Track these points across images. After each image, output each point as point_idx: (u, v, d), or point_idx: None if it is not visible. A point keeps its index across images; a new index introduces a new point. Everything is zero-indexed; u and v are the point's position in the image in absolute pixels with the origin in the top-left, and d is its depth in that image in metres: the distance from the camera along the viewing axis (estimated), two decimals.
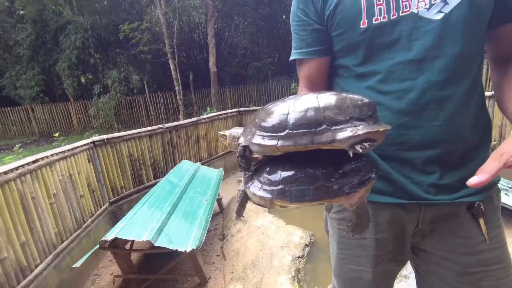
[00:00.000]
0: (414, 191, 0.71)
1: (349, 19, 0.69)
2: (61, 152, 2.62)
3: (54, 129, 11.04)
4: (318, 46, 0.77)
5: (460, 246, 0.74)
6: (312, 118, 0.48)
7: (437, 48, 0.64)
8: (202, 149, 5.03)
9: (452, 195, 0.71)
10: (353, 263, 0.84)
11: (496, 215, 0.76)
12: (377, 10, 0.66)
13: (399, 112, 0.68)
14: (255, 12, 11.14)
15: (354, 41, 0.70)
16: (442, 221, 0.75)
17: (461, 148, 0.69)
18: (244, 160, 0.55)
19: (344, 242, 0.86)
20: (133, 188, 3.65)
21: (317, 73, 0.81)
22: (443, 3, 0.63)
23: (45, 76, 11.61)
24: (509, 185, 3.18)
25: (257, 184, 0.52)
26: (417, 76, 0.66)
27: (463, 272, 0.74)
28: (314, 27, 0.76)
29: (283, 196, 0.48)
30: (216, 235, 3.24)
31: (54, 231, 2.38)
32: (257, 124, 0.52)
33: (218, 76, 9.86)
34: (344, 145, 0.48)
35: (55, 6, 10.16)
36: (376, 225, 0.79)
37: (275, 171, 0.51)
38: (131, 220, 2.29)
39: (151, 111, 11.43)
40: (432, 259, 0.79)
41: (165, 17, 9.19)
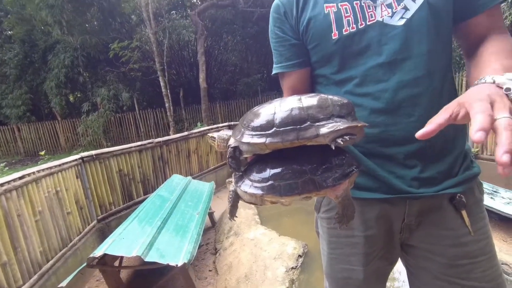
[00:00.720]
0: (398, 185, 0.74)
1: (321, 32, 0.75)
2: (48, 168, 2.57)
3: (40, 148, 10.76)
4: (296, 59, 0.83)
5: (445, 238, 0.76)
6: (297, 116, 0.52)
7: (404, 51, 0.70)
8: (193, 164, 5.00)
9: (434, 188, 0.74)
10: (344, 263, 0.85)
11: (478, 207, 0.78)
12: (346, 22, 0.72)
13: (377, 111, 0.73)
14: (244, 30, 11.46)
15: (328, 51, 0.76)
16: (427, 215, 0.77)
17: (439, 140, 0.72)
18: (234, 161, 0.57)
19: (334, 242, 0.87)
20: (122, 204, 3.58)
21: (299, 84, 0.86)
22: (404, 10, 0.69)
23: (32, 95, 11.46)
24: (494, 189, 3.27)
25: (247, 183, 0.55)
26: (389, 77, 0.71)
27: (451, 264, 0.75)
28: (291, 42, 0.82)
29: (273, 191, 0.51)
30: (208, 249, 3.18)
31: (39, 250, 2.30)
32: (245, 125, 0.55)
33: (208, 92, 9.97)
34: (326, 139, 0.51)
35: (44, 26, 10.21)
36: (364, 222, 0.80)
37: (264, 169, 0.54)
38: (120, 235, 2.24)
39: (141, 128, 11.35)
40: (420, 254, 0.80)
41: (155, 36, 9.35)
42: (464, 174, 0.75)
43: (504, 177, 0.40)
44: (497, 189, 3.30)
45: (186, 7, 11.27)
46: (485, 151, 3.95)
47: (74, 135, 11.49)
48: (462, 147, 0.78)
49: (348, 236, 0.83)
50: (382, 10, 0.70)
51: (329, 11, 0.74)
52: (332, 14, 0.74)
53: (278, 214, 3.92)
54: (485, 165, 3.93)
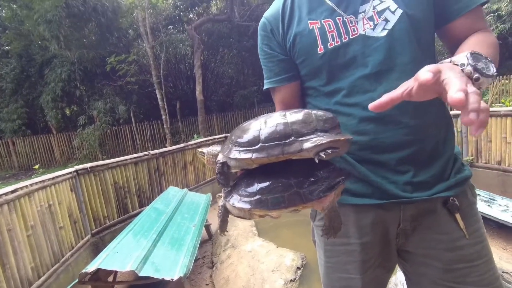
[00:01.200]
0: (391, 190, 0.74)
1: (307, 47, 0.78)
2: (41, 182, 2.53)
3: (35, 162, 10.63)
4: (285, 74, 0.85)
5: (441, 242, 0.75)
6: (282, 131, 0.54)
7: (388, 61, 0.72)
8: (189, 175, 4.97)
9: (428, 192, 0.74)
10: (341, 271, 0.84)
11: (472, 210, 0.79)
12: (330, 37, 0.75)
13: (366, 120, 0.74)
14: (239, 44, 11.67)
15: (315, 65, 0.79)
16: (421, 219, 0.77)
17: (428, 145, 0.74)
18: (222, 177, 0.58)
19: (330, 250, 0.86)
20: (117, 217, 3.52)
21: (289, 97, 0.89)
22: (385, 22, 0.72)
23: (28, 109, 11.43)
24: (491, 197, 3.28)
25: (236, 197, 0.56)
26: (376, 87, 0.73)
27: (448, 269, 0.74)
28: (280, 58, 0.85)
29: (260, 205, 0.52)
30: (205, 263, 3.11)
31: (30, 266, 2.23)
32: (233, 141, 0.57)
33: (205, 104, 10.03)
34: (310, 153, 0.53)
35: (42, 41, 10.30)
36: (360, 228, 0.80)
37: (252, 184, 0.55)
38: (114, 249, 2.19)
39: (138, 140, 11.31)
40: (417, 260, 0.79)
41: (152, 50, 9.47)
42: (455, 177, 0.76)
43: (476, 136, 0.43)
44: (493, 196, 3.30)
45: (183, 22, 11.47)
46: (480, 159, 3.97)
47: (70, 149, 11.41)
48: (452, 151, 0.79)
49: (344, 244, 0.82)
50: (364, 23, 0.73)
51: (313, 27, 0.77)
52: (316, 29, 0.77)
53: (275, 226, 3.87)
54: (481, 173, 3.95)
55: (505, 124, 3.57)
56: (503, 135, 3.62)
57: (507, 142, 3.57)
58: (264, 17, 0.87)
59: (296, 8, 0.81)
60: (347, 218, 0.80)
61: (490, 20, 8.98)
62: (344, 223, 0.82)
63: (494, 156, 3.77)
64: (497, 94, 7.94)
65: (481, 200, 3.20)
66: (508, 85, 7.89)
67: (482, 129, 0.41)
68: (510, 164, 3.58)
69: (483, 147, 3.90)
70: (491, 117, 3.75)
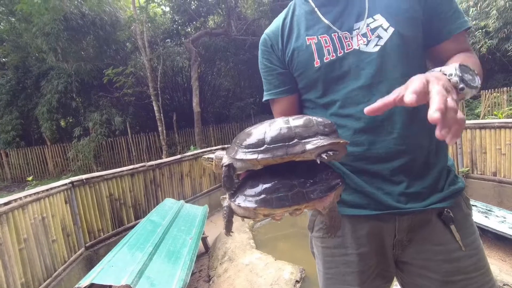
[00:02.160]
0: (386, 201, 0.76)
1: (304, 61, 0.83)
2: (35, 194, 2.48)
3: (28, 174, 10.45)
4: (284, 86, 0.89)
5: (437, 253, 0.76)
6: (286, 134, 0.57)
7: (380, 74, 0.76)
8: (186, 187, 4.92)
9: (422, 203, 0.76)
10: (340, 282, 0.84)
11: (467, 221, 0.80)
12: (326, 51, 0.80)
13: (360, 131, 0.77)
14: (236, 57, 11.84)
15: (312, 78, 0.83)
16: (417, 230, 0.78)
17: (421, 155, 0.76)
18: (228, 180, 0.60)
19: (329, 261, 0.87)
20: (112, 230, 3.44)
21: (288, 109, 0.92)
22: (378, 38, 0.76)
23: (23, 121, 11.34)
24: (488, 208, 3.29)
25: (241, 197, 0.58)
26: (369, 99, 0.76)
27: (445, 281, 0.75)
28: (279, 71, 0.89)
29: (265, 204, 0.54)
30: (202, 277, 3.03)
31: (20, 281, 2.15)
32: (239, 144, 0.59)
33: (202, 116, 10.06)
34: (312, 155, 0.56)
35: (39, 53, 10.35)
36: (356, 239, 0.81)
37: (257, 184, 0.58)
38: (109, 263, 2.14)
39: (133, 151, 11.23)
40: (414, 271, 0.80)
41: (150, 63, 9.56)
42: (449, 189, 0.78)
43: (441, 138, 0.47)
44: (490, 208, 3.31)
45: (180, 36, 11.65)
46: (475, 170, 4.01)
47: (64, 160, 11.27)
48: (445, 162, 0.81)
49: (342, 254, 0.83)
50: (358, 39, 0.77)
51: (311, 42, 0.81)
52: (313, 45, 0.81)
53: (273, 238, 3.82)
54: (477, 184, 3.98)
55: (499, 135, 3.63)
56: (497, 147, 3.67)
57: (502, 153, 3.62)
58: (265, 33, 0.93)
59: (295, 25, 0.86)
60: (344, 229, 0.82)
61: (479, 36, 9.28)
62: (342, 234, 0.83)
63: (489, 167, 3.81)
64: (489, 107, 8.12)
65: (478, 211, 3.21)
66: (500, 98, 8.07)
67: (455, 139, 0.47)
68: (505, 175, 3.62)
69: (478, 158, 3.95)
70: (485, 129, 3.82)
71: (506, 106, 7.74)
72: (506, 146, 3.55)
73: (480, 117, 7.98)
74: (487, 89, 8.38)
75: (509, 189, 3.58)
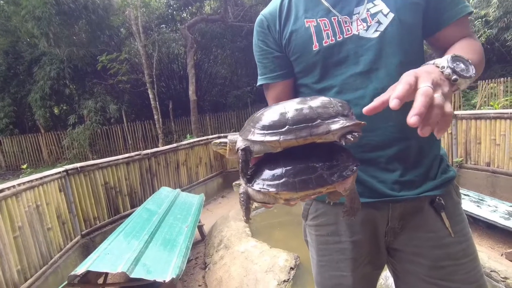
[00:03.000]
0: (380, 189, 0.77)
1: (302, 44, 0.80)
2: (29, 182, 2.46)
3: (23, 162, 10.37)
4: (280, 70, 0.87)
5: (428, 240, 0.78)
6: (308, 115, 0.55)
7: (379, 61, 0.75)
8: (182, 176, 4.92)
9: (415, 191, 0.77)
10: (333, 269, 0.85)
11: (457, 209, 0.81)
12: (325, 35, 0.78)
13: (357, 118, 0.75)
14: (233, 44, 11.63)
15: (310, 62, 0.81)
16: (409, 218, 0.79)
17: (416, 144, 0.77)
18: (246, 165, 0.57)
19: (323, 249, 0.88)
20: (108, 218, 3.45)
21: (283, 94, 0.90)
22: (378, 24, 0.75)
23: (16, 108, 11.15)
24: (480, 198, 3.34)
25: (260, 182, 0.55)
26: (367, 85, 0.75)
27: (435, 266, 0.76)
28: (275, 54, 0.86)
29: (287, 187, 0.52)
30: (198, 264, 3.07)
31: (16, 268, 2.16)
32: (255, 125, 0.56)
33: (198, 104, 9.97)
34: (335, 136, 0.54)
35: (30, 38, 10.06)
36: (350, 227, 0.82)
37: (275, 167, 0.55)
38: (105, 251, 2.15)
39: (129, 140, 11.15)
40: (404, 257, 0.82)
41: (145, 49, 9.36)
42: (441, 177, 0.79)
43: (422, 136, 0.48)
44: (483, 197, 3.37)
45: (176, 21, 11.38)
46: (469, 160, 4.05)
47: (59, 148, 11.17)
48: (437, 151, 0.82)
49: (336, 242, 0.85)
50: (357, 24, 0.76)
51: (310, 25, 0.80)
52: (312, 27, 0.79)
53: (269, 226, 3.86)
54: (470, 174, 4.03)
55: (495, 126, 3.65)
56: (492, 137, 3.70)
57: (496, 144, 3.66)
58: (261, 14, 0.89)
59: (293, 7, 0.84)
60: (338, 217, 0.83)
61: (478, 25, 9.20)
62: (336, 222, 0.84)
63: (483, 158, 3.85)
64: (486, 97, 8.13)
65: (471, 200, 3.26)
66: (496, 88, 8.08)
67: (442, 133, 0.49)
68: (499, 165, 3.67)
69: (472, 148, 3.98)
70: (480, 119, 3.83)
71: (502, 96, 7.76)
72: (501, 136, 3.57)
73: (476, 108, 8.01)
74: (484, 79, 8.38)
75: (502, 180, 3.64)
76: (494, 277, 2.18)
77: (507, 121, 3.50)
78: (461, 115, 4.09)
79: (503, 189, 3.62)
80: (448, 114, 0.48)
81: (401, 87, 0.49)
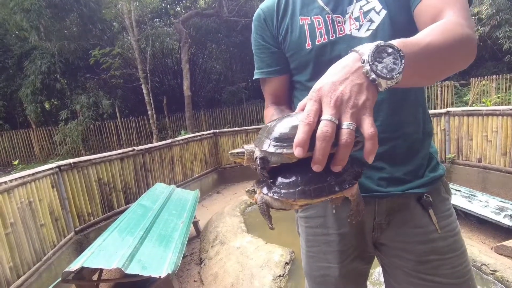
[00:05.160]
0: (366, 184, 0.78)
1: (297, 42, 0.81)
2: (21, 178, 2.42)
3: (14, 158, 10.18)
4: (276, 66, 0.88)
5: (414, 235, 0.79)
6: None
7: None
8: (177, 172, 4.89)
9: (401, 187, 0.77)
10: (321, 260, 0.87)
11: (445, 205, 0.82)
12: (318, 33, 0.78)
13: None
14: (228, 39, 11.55)
15: (303, 60, 0.81)
16: (396, 214, 0.80)
17: (405, 143, 0.77)
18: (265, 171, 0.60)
19: (311, 240, 0.90)
20: (102, 214, 3.42)
21: (280, 89, 0.91)
22: (370, 22, 0.75)
23: (6, 103, 10.91)
24: (471, 193, 3.40)
25: (277, 190, 0.59)
26: None
27: (420, 261, 0.77)
28: (272, 49, 0.87)
29: (304, 196, 0.56)
30: (193, 260, 3.08)
31: (9, 265, 2.13)
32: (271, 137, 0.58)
33: (193, 100, 9.89)
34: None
35: (20, 31, 9.81)
36: (337, 220, 0.84)
37: (291, 177, 0.59)
38: (100, 247, 2.13)
39: (123, 136, 11.03)
40: (392, 252, 0.83)
41: (138, 44, 9.22)
42: (429, 176, 0.79)
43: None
44: (474, 192, 3.43)
45: (169, 15, 11.22)
46: (461, 156, 4.12)
47: (50, 144, 11.00)
48: (427, 149, 0.82)
49: (324, 234, 0.86)
50: (350, 24, 0.76)
51: (304, 23, 0.80)
52: (306, 25, 0.80)
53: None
54: (462, 170, 4.10)
55: (487, 122, 3.71)
56: (484, 134, 3.76)
57: (488, 140, 3.72)
58: (259, 8, 0.89)
59: (290, 3, 0.84)
60: (326, 210, 0.85)
61: None
62: (324, 214, 0.86)
63: (475, 154, 3.92)
64: (478, 94, 8.25)
65: (462, 196, 3.32)
66: (489, 85, 8.20)
67: (370, 157, 0.45)
68: (490, 161, 3.73)
69: (464, 145, 4.05)
70: (473, 116, 3.89)
71: (494, 94, 7.88)
72: (493, 133, 3.64)
73: (468, 104, 8.12)
74: (477, 76, 8.49)
75: (493, 175, 3.71)
76: (484, 270, 2.23)
77: (499, 118, 3.55)
78: (453, 112, 4.15)
79: (494, 185, 3.69)
80: (369, 137, 0.43)
81: (299, 134, 0.44)
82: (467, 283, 0.77)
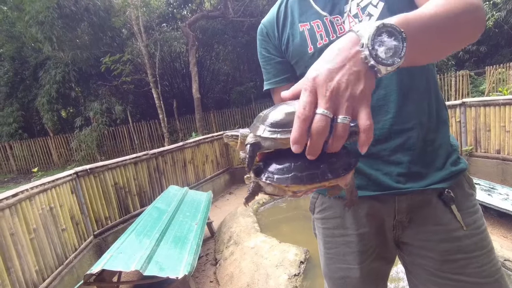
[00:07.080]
0: (385, 182, 0.76)
1: (299, 49, 0.82)
2: (42, 185, 2.51)
3: (33, 165, 10.58)
4: (283, 75, 0.90)
5: (436, 233, 0.76)
6: None
7: None
8: (189, 174, 4.96)
9: (421, 183, 0.75)
10: (340, 262, 0.86)
11: (469, 201, 0.78)
12: (319, 36, 0.79)
13: None
14: (235, 40, 11.58)
15: (307, 65, 0.80)
16: (417, 211, 0.78)
17: (420, 133, 0.75)
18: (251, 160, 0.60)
19: (329, 241, 0.88)
20: (119, 218, 3.51)
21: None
22: (369, 17, 0.74)
23: (24, 112, 11.34)
24: (491, 186, 3.30)
25: (269, 175, 0.60)
26: None
27: (444, 260, 0.74)
28: (277, 60, 0.90)
29: (297, 181, 0.57)
30: (208, 260, 3.12)
31: (35, 268, 2.23)
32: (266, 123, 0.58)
33: (202, 101, 9.99)
34: None
35: (35, 43, 10.17)
36: (356, 219, 0.82)
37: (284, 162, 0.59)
38: (118, 250, 2.19)
39: (135, 140, 11.27)
40: (414, 251, 0.80)
41: (147, 49, 9.39)
42: (450, 169, 0.77)
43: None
44: (493, 185, 3.32)
45: (176, 19, 11.36)
46: (479, 148, 3.99)
47: (68, 151, 11.36)
48: (444, 139, 0.79)
49: (342, 235, 0.85)
50: (349, 22, 0.76)
51: (304, 29, 0.81)
52: (306, 31, 0.81)
53: (277, 221, 3.88)
54: (480, 162, 3.98)
55: (504, 112, 3.59)
56: (502, 124, 3.63)
57: (506, 130, 3.59)
58: (261, 23, 0.93)
59: (289, 13, 0.86)
60: (344, 210, 0.83)
61: (486, 8, 8.95)
62: (342, 215, 0.84)
63: (493, 145, 3.79)
64: (494, 83, 7.96)
65: (481, 189, 3.22)
66: (505, 73, 7.90)
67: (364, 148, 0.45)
68: (509, 152, 3.61)
69: (481, 136, 3.92)
70: (489, 106, 3.76)
71: (511, 82, 7.58)
72: (511, 123, 3.51)
73: (485, 94, 7.85)
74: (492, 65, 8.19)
75: None
76: (508, 266, 2.16)
77: None
78: (469, 102, 4.02)
79: None
80: (364, 130, 0.42)
81: (295, 130, 0.43)
82: (498, 283, 0.73)
